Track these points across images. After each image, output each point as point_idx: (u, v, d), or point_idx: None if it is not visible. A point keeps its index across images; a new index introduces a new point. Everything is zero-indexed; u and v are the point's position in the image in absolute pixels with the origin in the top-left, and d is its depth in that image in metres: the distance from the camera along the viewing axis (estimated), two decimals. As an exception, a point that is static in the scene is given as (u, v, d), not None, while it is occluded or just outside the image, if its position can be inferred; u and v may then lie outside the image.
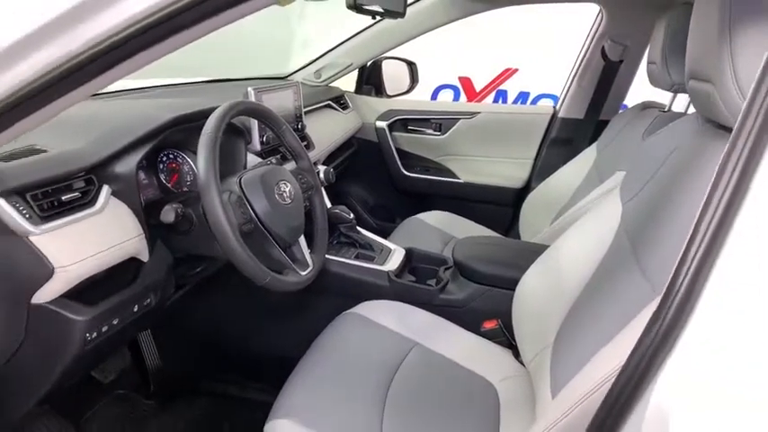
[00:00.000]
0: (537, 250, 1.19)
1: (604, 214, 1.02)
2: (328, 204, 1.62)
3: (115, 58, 0.61)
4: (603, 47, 1.90)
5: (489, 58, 3.99)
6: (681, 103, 1.48)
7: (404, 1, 1.43)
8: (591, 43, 1.94)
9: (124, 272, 0.96)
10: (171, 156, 1.17)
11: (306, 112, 1.73)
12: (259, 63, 2.47)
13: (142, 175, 1.10)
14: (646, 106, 1.62)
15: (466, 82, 4.21)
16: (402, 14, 1.45)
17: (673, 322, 0.49)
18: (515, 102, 4.13)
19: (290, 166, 1.31)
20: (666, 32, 1.33)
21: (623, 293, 0.77)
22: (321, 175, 1.55)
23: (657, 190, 0.87)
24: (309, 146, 1.68)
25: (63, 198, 0.84)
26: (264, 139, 1.38)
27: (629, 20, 1.81)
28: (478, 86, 4.21)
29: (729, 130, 0.61)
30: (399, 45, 2.13)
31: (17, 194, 0.78)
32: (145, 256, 0.98)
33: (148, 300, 1.01)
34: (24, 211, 0.77)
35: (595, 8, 1.90)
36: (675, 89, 1.37)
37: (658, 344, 0.50)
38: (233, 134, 1.28)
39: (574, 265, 1.00)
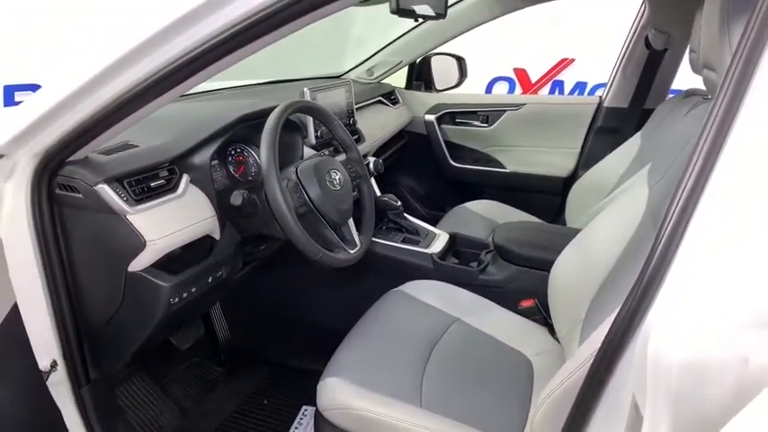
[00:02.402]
0: (571, 234, 1.24)
1: (632, 199, 1.06)
2: (377, 192, 1.75)
3: (202, 64, 0.76)
4: (647, 36, 1.89)
5: (545, 48, 3.93)
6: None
7: (445, 3, 1.53)
8: (635, 33, 1.94)
9: (200, 248, 1.13)
10: (238, 149, 1.33)
11: (358, 108, 1.86)
12: (316, 64, 2.63)
13: (214, 166, 1.26)
14: (689, 94, 1.62)
15: (521, 73, 4.18)
16: (443, 15, 1.54)
17: (654, 272, 0.56)
18: (572, 92, 4.07)
19: (342, 157, 1.44)
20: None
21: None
22: (371, 166, 1.68)
23: (678, 173, 0.92)
24: (360, 139, 1.80)
25: (152, 184, 1.01)
26: (319, 133, 1.52)
27: (671, 9, 1.80)
28: (534, 78, 4.18)
29: None
30: (447, 42, 2.20)
31: (116, 181, 0.95)
32: (217, 235, 1.15)
33: (220, 272, 1.18)
34: (122, 195, 0.95)
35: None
36: None
37: (638, 302, 0.58)
38: (291, 129, 1.43)
39: (603, 246, 1.05)
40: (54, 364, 1.01)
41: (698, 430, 0.45)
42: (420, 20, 1.51)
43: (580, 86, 4.07)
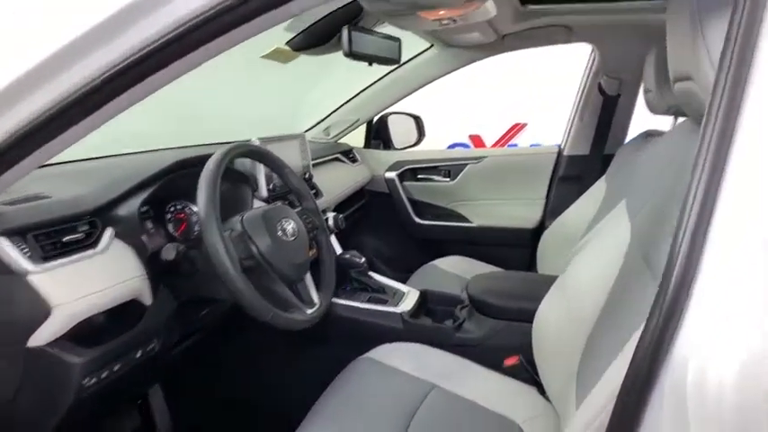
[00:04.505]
0: (552, 280, 1.16)
1: (613, 234, 1.01)
2: (339, 250, 1.62)
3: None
4: (600, 83, 1.93)
5: (497, 114, 4.10)
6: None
7: (398, 48, 1.50)
8: (587, 80, 1.98)
9: (127, 315, 0.95)
10: (179, 206, 1.19)
11: (314, 165, 1.77)
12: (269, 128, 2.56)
13: (149, 225, 1.11)
14: (648, 134, 1.63)
15: (476, 139, 4.30)
16: (397, 61, 1.52)
17: (672, 304, 0.50)
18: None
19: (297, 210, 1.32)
20: (657, 59, 1.36)
21: (638, 303, 0.74)
22: (330, 222, 1.55)
23: (661, 197, 0.86)
24: (318, 194, 1.70)
25: (64, 239, 0.85)
26: (271, 186, 1.40)
27: (620, 55, 1.85)
28: (489, 143, 4.29)
29: None
30: (403, 98, 2.19)
31: (18, 234, 0.79)
32: (147, 299, 0.97)
33: (152, 345, 0.99)
34: (25, 251, 0.78)
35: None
36: (674, 111, 1.39)
37: (661, 330, 0.50)
38: (239, 181, 1.31)
39: (587, 288, 0.97)
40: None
41: None
42: (371, 65, 1.49)
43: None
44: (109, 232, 0.93)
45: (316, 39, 1.46)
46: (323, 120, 2.29)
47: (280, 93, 2.66)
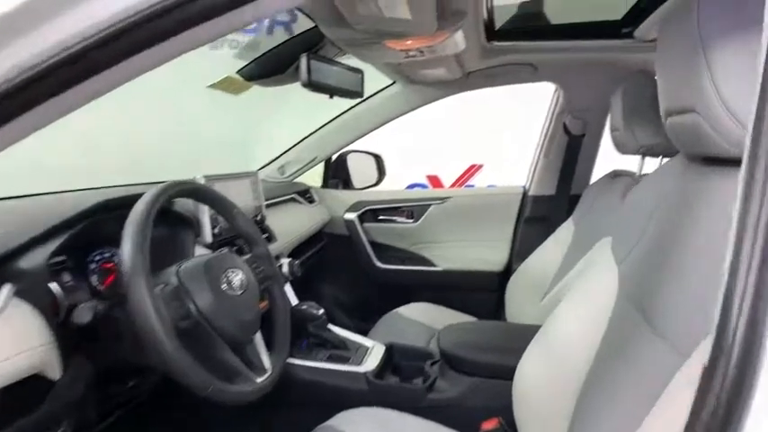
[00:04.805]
0: (532, 331, 1.06)
1: (599, 281, 0.93)
2: (294, 301, 1.46)
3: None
4: (564, 123, 1.92)
5: (454, 155, 4.14)
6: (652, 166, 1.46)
7: (361, 81, 1.42)
8: (552, 120, 1.96)
9: (26, 394, 0.76)
10: (106, 254, 1.02)
11: (268, 206, 1.64)
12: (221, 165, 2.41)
13: (66, 278, 0.93)
14: (616, 174, 1.60)
15: (434, 180, 4.30)
16: (360, 94, 1.43)
17: (736, 386, 0.40)
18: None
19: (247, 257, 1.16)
20: (625, 99, 1.34)
21: (639, 361, 0.67)
22: (285, 269, 1.40)
23: (653, 242, 0.79)
24: (271, 238, 1.55)
25: None
26: (217, 230, 1.24)
27: (585, 95, 1.85)
28: (447, 183, 4.30)
29: (718, 161, 0.62)
30: (363, 136, 2.10)
31: None
32: (55, 372, 0.79)
33: (60, 429, 0.80)
34: None
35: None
36: (643, 151, 1.36)
37: (722, 419, 0.40)
38: (179, 225, 1.15)
39: (574, 340, 0.89)
40: None
41: None
42: (332, 98, 1.39)
43: (491, 190, 4.25)
44: (6, 290, 0.74)
45: (271, 67, 1.35)
46: (278, 157, 2.16)
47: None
